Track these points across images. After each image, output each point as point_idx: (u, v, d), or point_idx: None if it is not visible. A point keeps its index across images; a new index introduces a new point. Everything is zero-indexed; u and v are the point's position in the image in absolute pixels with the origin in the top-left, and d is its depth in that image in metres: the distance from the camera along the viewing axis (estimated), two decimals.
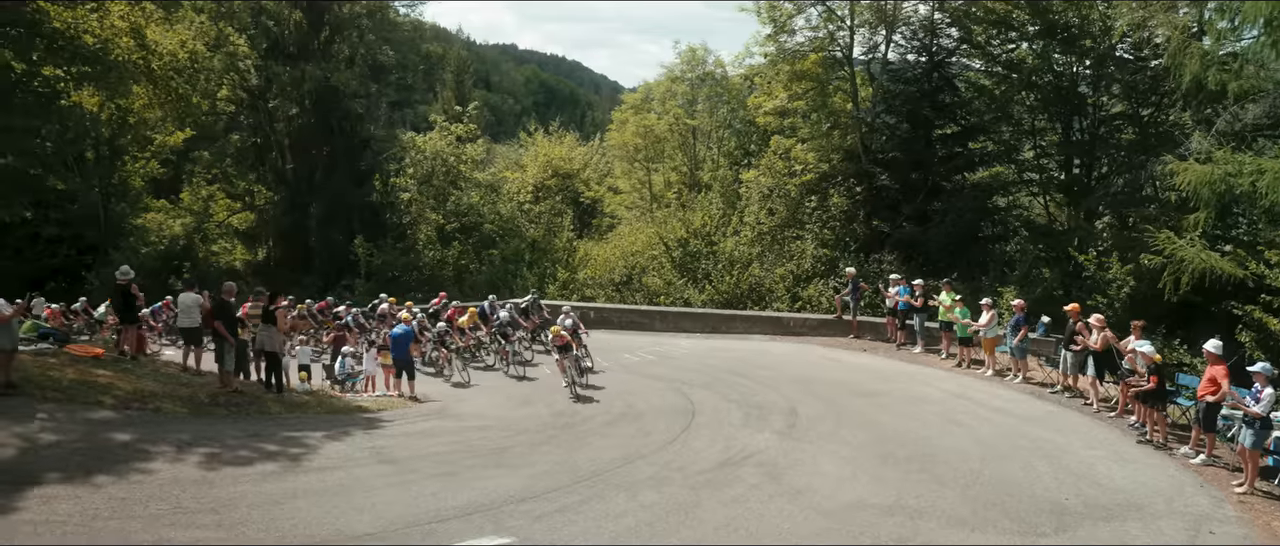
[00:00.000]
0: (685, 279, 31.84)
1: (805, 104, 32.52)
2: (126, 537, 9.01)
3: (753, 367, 18.71)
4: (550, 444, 13.38)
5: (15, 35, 19.33)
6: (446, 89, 53.82)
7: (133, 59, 21.43)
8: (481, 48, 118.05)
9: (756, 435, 13.66)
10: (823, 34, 32.04)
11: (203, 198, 37.62)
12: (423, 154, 38.38)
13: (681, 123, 41.03)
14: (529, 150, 47.59)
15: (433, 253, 36.32)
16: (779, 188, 32.97)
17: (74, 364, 15.52)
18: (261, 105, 37.43)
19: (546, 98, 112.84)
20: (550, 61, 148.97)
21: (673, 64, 41.97)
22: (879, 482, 11.35)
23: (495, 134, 61.98)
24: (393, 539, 9.39)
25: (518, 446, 13.16)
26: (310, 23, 37.03)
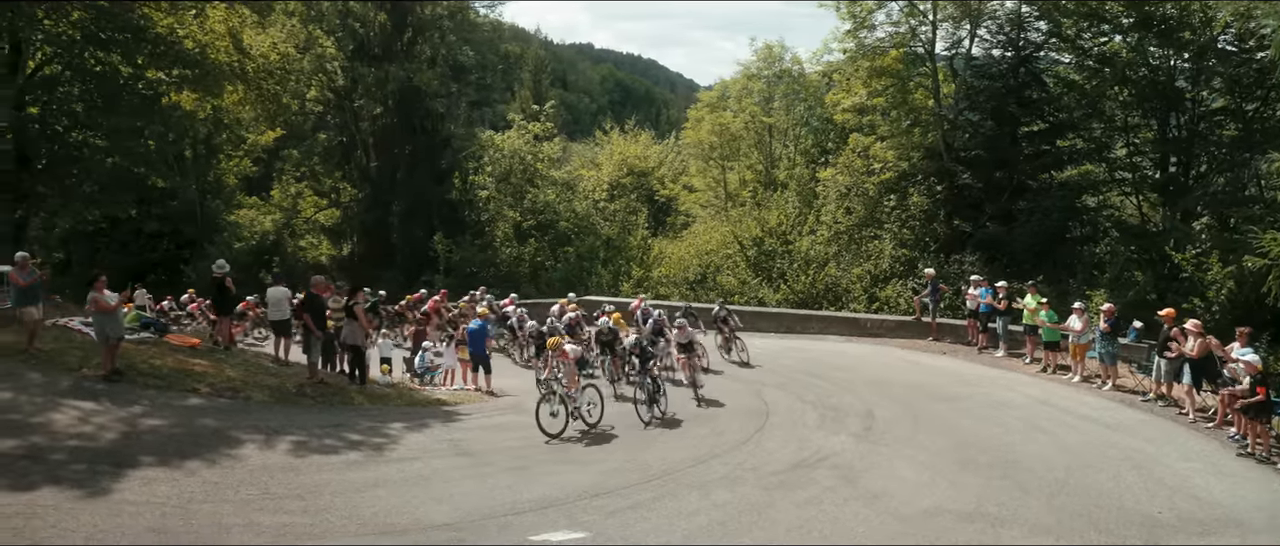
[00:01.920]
0: (760, 278, 31.59)
1: (885, 101, 31.92)
2: (218, 520, 9.43)
3: (828, 369, 18.45)
4: (621, 441, 13.45)
5: (123, 40, 20.42)
6: (524, 88, 54.49)
7: (229, 61, 22.37)
8: (558, 47, 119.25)
9: (832, 437, 13.47)
10: (904, 29, 31.39)
11: (292, 194, 38.99)
12: (501, 152, 39.01)
13: (757, 120, 40.71)
14: (604, 148, 47.90)
15: (509, 249, 36.88)
16: (857, 186, 32.43)
17: (172, 353, 16.29)
18: (347, 105, 38.60)
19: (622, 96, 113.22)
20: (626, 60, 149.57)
21: (749, 61, 41.73)
22: (958, 488, 11.07)
23: (571, 132, 62.49)
24: (469, 529, 9.58)
25: (589, 443, 13.26)
26: (394, 24, 38.01)
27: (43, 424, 11.56)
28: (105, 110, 21.17)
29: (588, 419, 13.99)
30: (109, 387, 13.38)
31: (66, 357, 14.44)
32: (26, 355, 14.13)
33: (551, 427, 13.34)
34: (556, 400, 13.58)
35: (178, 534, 9.03)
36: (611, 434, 13.70)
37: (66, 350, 14.88)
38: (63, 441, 11.14)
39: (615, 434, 13.73)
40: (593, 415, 14.09)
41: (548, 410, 13.52)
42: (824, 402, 15.61)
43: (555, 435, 13.22)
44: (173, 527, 9.16)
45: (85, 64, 20.59)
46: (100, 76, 20.81)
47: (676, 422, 14.48)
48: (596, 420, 14.09)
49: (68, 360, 14.34)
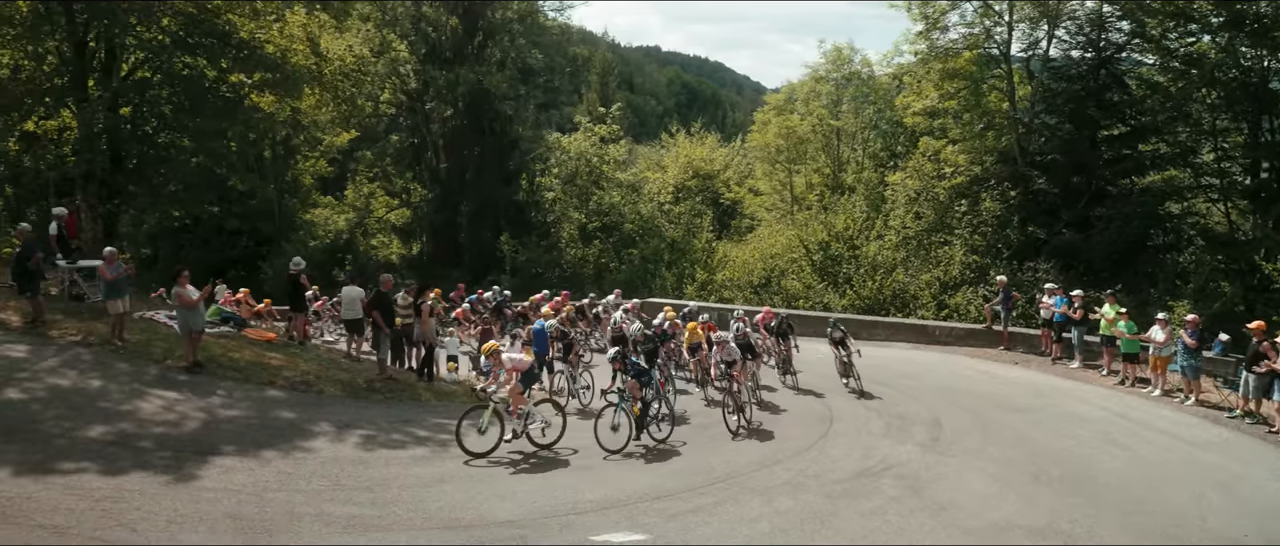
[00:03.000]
0: (825, 283, 31.23)
1: (957, 104, 31.27)
2: (291, 509, 9.74)
3: (895, 376, 18.12)
4: (684, 444, 13.42)
5: (209, 45, 21.26)
6: (591, 91, 54.99)
7: (307, 65, 23.09)
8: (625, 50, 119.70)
9: (897, 446, 13.24)
10: (978, 30, 30.71)
11: (364, 194, 39.96)
12: (567, 154, 39.37)
13: (825, 123, 40.24)
14: (670, 151, 47.92)
15: (574, 251, 37.18)
16: (927, 191, 31.82)
17: (250, 346, 16.87)
18: (419, 107, 39.42)
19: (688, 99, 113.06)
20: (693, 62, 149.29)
21: (817, 64, 41.26)
22: (1029, 503, 10.76)
23: (637, 135, 62.67)
24: (532, 527, 9.69)
25: (652, 445, 13.27)
26: (465, 28, 38.67)
27: (130, 411, 12.09)
28: (191, 112, 22.06)
29: (537, 439, 12.50)
30: (191, 378, 13.92)
31: (152, 349, 15.06)
32: (114, 346, 14.79)
33: (475, 445, 11.88)
34: (487, 414, 12.15)
35: (252, 520, 9.35)
36: (675, 437, 13.67)
37: (152, 341, 15.52)
38: (149, 429, 11.63)
39: (679, 437, 13.70)
40: (545, 435, 12.57)
41: (474, 425, 12.12)
42: (889, 410, 15.35)
43: (479, 454, 11.77)
44: (248, 514, 9.49)
45: (174, 68, 21.49)
46: (187, 80, 21.70)
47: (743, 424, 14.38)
48: (551, 441, 12.58)
49: (153, 351, 14.95)
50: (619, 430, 12.71)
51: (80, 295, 17.78)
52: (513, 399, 12.45)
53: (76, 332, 15.07)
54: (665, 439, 13.21)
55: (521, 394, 12.55)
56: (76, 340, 14.78)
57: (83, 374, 13.45)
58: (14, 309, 15.84)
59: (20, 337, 14.60)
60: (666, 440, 13.25)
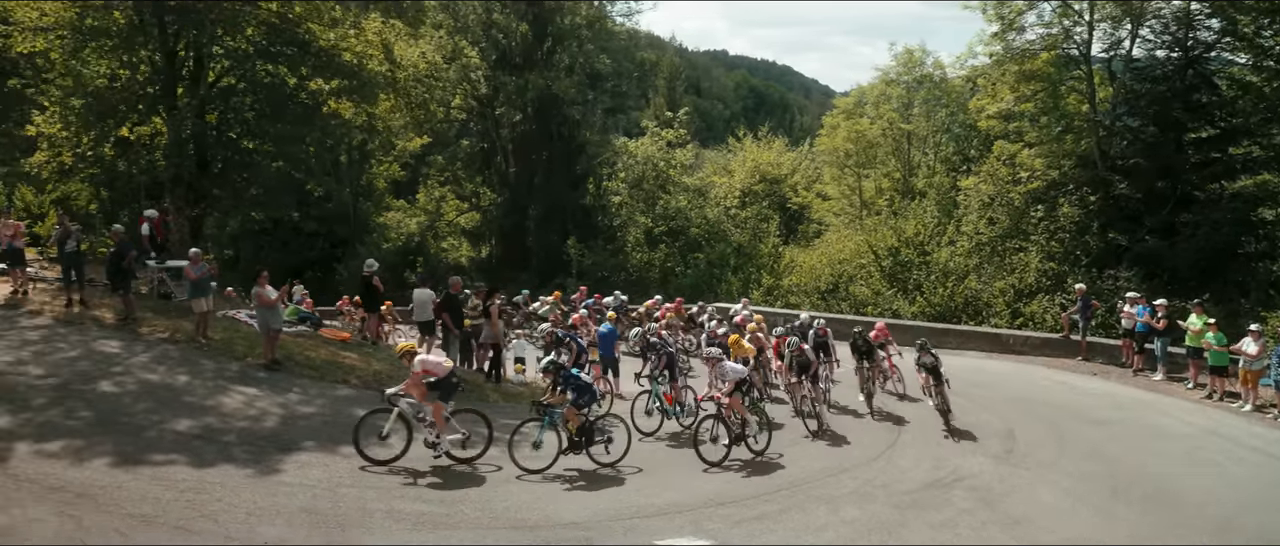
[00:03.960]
0: (895, 289, 30.67)
1: (1034, 106, 30.40)
2: (363, 505, 10.01)
3: (966, 385, 17.65)
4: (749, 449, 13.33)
5: (290, 53, 21.97)
6: (658, 95, 55.09)
7: (382, 71, 23.66)
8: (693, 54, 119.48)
9: (969, 457, 12.94)
10: (1057, 31, 29.81)
11: (435, 198, 40.81)
12: (634, 158, 39.55)
13: (895, 127, 39.58)
14: (737, 155, 47.70)
15: (640, 255, 37.30)
16: (1001, 196, 31.01)
17: (325, 345, 17.38)
18: (489, 113, 40.10)
19: (755, 103, 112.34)
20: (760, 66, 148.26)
21: (888, 66, 40.59)
22: (1107, 519, 10.41)
23: (704, 139, 62.56)
24: (596, 529, 9.77)
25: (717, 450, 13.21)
26: (535, 34, 39.20)
27: (214, 406, 12.58)
28: (272, 118, 22.82)
29: (600, 457, 12.02)
30: (269, 375, 14.42)
31: (233, 346, 15.64)
32: (199, 343, 15.41)
33: (377, 453, 11.24)
34: (392, 418, 11.44)
35: (326, 515, 9.64)
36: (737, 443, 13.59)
37: (233, 339, 16.12)
38: (231, 423, 12.08)
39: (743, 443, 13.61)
40: (609, 452, 12.07)
41: (374, 430, 11.39)
42: (961, 420, 14.99)
43: (380, 461, 11.17)
44: (322, 508, 9.79)
45: (257, 76, 22.26)
46: (269, 87, 22.46)
47: (808, 431, 14.22)
48: (615, 459, 12.06)
49: (235, 349, 15.53)
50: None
51: (168, 294, 18.58)
52: (435, 416, 11.55)
53: (164, 330, 15.75)
54: (616, 461, 11.99)
55: (442, 408, 11.61)
56: (164, 337, 15.44)
57: (170, 369, 14.05)
58: (108, 306, 16.65)
59: (113, 334, 15.33)
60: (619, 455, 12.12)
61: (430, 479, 11.03)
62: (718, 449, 12.46)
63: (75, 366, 13.56)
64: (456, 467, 11.48)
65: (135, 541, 8.60)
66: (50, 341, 14.62)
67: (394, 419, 11.45)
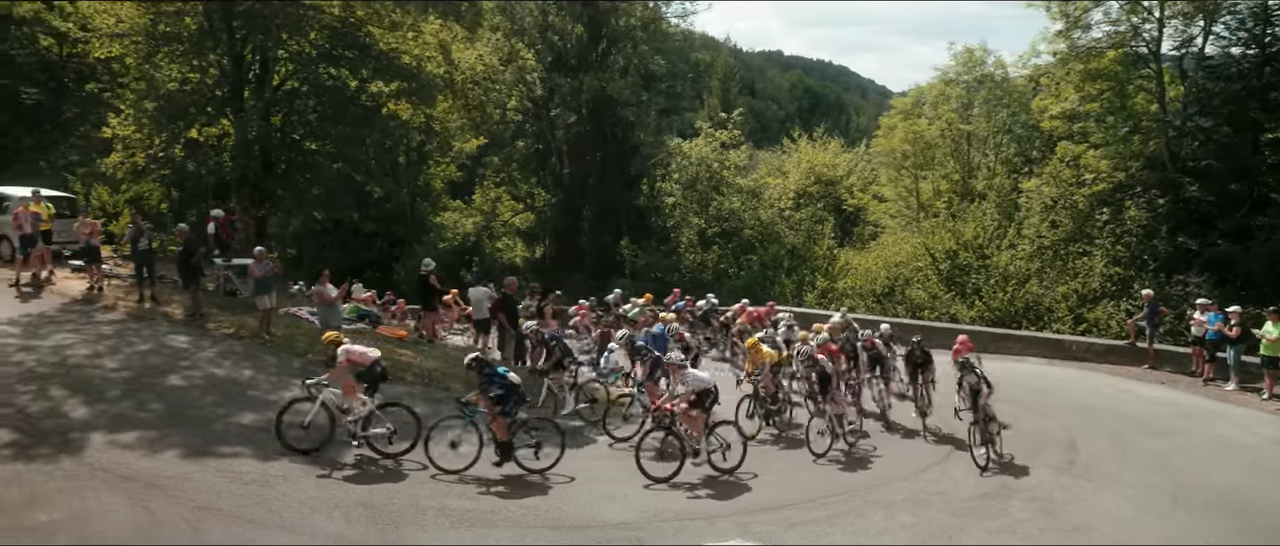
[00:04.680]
0: (952, 293, 30.12)
1: (1099, 106, 29.57)
2: (416, 501, 10.20)
3: (1026, 392, 17.28)
4: (797, 455, 13.22)
5: (351, 57, 22.50)
6: (712, 96, 54.89)
7: (440, 74, 24.08)
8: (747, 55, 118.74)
9: (1028, 467, 12.63)
10: (1125, 28, 28.95)
11: (491, 199, 41.29)
12: (688, 160, 39.53)
13: (954, 128, 38.84)
14: (791, 156, 47.34)
15: (693, 256, 37.26)
16: (1064, 198, 30.24)
17: (383, 343, 17.71)
18: (544, 114, 40.44)
19: (810, 103, 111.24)
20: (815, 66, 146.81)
21: (947, 66, 39.83)
22: (1172, 529, 10.08)
23: (758, 140, 62.15)
24: (646, 530, 9.82)
25: (766, 456, 13.14)
26: (590, 36, 39.41)
27: (277, 401, 12.88)
28: (334, 120, 23.40)
29: (719, 464, 11.85)
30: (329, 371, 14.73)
31: (295, 342, 16.05)
32: (262, 339, 15.86)
33: (297, 441, 11.20)
34: (314, 408, 11.43)
35: (381, 509, 9.86)
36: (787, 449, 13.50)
37: (295, 335, 16.54)
38: (293, 418, 12.37)
39: (789, 449, 13.52)
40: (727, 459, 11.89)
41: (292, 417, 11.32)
42: (1019, 428, 14.64)
43: (301, 451, 11.13)
44: (378, 503, 10.02)
45: (319, 79, 22.84)
46: (331, 90, 23.03)
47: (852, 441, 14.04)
48: (732, 466, 11.85)
49: (296, 345, 15.94)
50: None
51: (233, 291, 19.17)
52: (349, 398, 11.56)
53: (230, 326, 16.24)
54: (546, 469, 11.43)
55: (356, 391, 11.57)
56: (230, 333, 15.93)
57: (235, 364, 14.49)
58: (177, 302, 17.24)
59: (182, 329, 15.87)
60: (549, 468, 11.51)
61: (481, 477, 11.18)
62: (665, 466, 11.59)
63: (147, 360, 14.07)
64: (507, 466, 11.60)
65: (202, 531, 8.89)
66: (123, 336, 15.19)
67: (316, 408, 11.45)
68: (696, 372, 12.73)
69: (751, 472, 11.99)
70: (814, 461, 12.66)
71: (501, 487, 10.90)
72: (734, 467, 11.79)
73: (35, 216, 17.53)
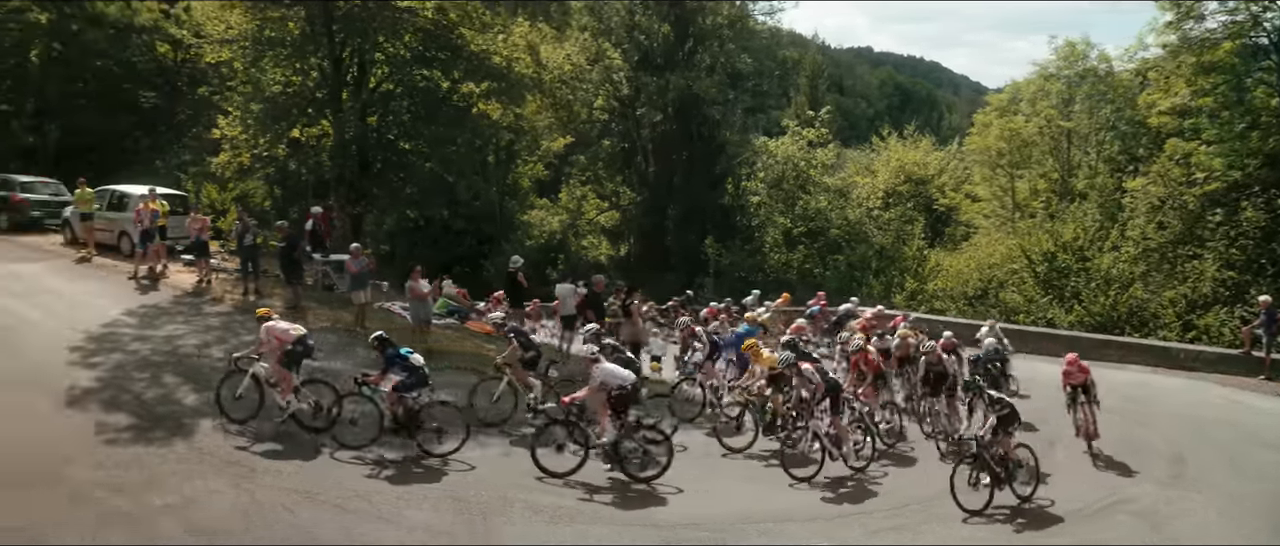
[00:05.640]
0: (1049, 297, 29.00)
1: (1213, 101, 28.00)
2: (504, 493, 10.39)
3: (1128, 402, 16.50)
4: (882, 461, 12.94)
5: (444, 58, 23.10)
6: (799, 94, 54.15)
7: (529, 74, 24.49)
8: (836, 52, 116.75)
9: (1132, 480, 12.08)
10: (1243, 17, 27.33)
11: (577, 197, 41.73)
12: (774, 158, 39.15)
13: (1053, 125, 37.40)
14: (881, 155, 46.34)
15: (778, 255, 36.89)
16: (1173, 198, 28.75)
17: (471, 338, 18.14)
18: (630, 113, 40.65)
19: (901, 101, 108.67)
20: (906, 63, 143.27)
21: (1046, 61, 38.38)
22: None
23: (846, 138, 61.00)
24: (730, 531, 9.83)
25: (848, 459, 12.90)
26: (677, 35, 39.44)
27: (369, 394, 13.30)
28: (427, 120, 24.07)
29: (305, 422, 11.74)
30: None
31: (395, 338, 16.51)
32: (357, 333, 16.42)
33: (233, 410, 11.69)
34: (245, 381, 11.75)
35: (470, 501, 10.10)
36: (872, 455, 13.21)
37: (387, 329, 17.02)
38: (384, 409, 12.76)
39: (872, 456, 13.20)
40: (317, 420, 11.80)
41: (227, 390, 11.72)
42: (1123, 439, 13.99)
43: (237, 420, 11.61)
44: (466, 495, 10.27)
45: (413, 80, 23.52)
46: (424, 91, 23.69)
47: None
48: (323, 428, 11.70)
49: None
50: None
51: (330, 286, 19.90)
52: (276, 373, 11.80)
53: (327, 320, 16.88)
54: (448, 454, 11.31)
55: (286, 373, 11.78)
56: (326, 326, 16.55)
57: (330, 356, 15.04)
58: (279, 296, 18.01)
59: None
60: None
61: (585, 480, 11.31)
62: (567, 458, 11.23)
63: None
64: (592, 463, 11.71)
65: (299, 515, 9.27)
66: (229, 327, 15.96)
67: (247, 382, 11.80)
68: (612, 367, 11.71)
69: (833, 480, 11.81)
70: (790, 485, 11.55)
71: (588, 483, 11.01)
72: (653, 477, 11.09)
73: (153, 213, 18.55)
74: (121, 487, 9.57)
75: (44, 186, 23.40)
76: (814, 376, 12.15)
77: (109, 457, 10.32)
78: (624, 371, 11.58)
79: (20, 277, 17.99)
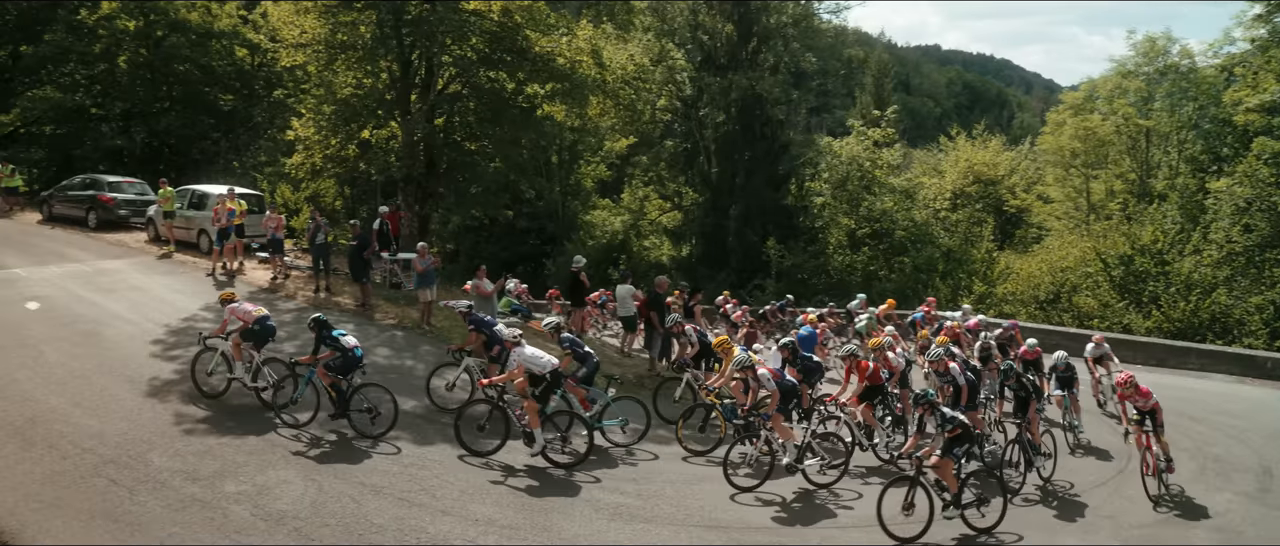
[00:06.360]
0: (1126, 301, 27.98)
1: None
2: (565, 491, 10.46)
3: (1211, 412, 15.83)
4: None
5: (509, 60, 23.38)
6: (865, 93, 53.47)
7: (593, 75, 24.62)
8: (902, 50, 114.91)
9: (1213, 493, 11.58)
10: None
11: (639, 198, 41.84)
12: (838, 159, 38.60)
13: (1131, 123, 36.11)
14: (948, 155, 45.40)
15: (841, 257, 36.40)
16: (1261, 199, 27.51)
17: (533, 337, 18.27)
18: (692, 113, 40.55)
19: (970, 99, 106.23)
20: (976, 61, 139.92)
21: (1124, 57, 37.13)
22: None
23: (913, 138, 59.99)
24: (790, 535, 9.68)
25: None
26: (740, 34, 39.20)
27: (434, 389, 13.58)
28: (492, 121, 24.42)
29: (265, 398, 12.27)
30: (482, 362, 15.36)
31: (453, 334, 16.82)
32: (423, 330, 16.72)
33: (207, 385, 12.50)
34: (215, 358, 12.54)
35: (532, 496, 10.19)
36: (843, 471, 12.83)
37: (452, 327, 17.33)
38: (450, 405, 13.00)
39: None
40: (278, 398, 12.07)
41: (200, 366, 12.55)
42: (1203, 451, 13.44)
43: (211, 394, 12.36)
44: (528, 490, 10.35)
45: (479, 82, 23.88)
46: (490, 92, 24.02)
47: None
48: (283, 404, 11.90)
49: (454, 336, 16.68)
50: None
51: (398, 284, 20.33)
52: (233, 349, 12.47)
53: (394, 317, 17.25)
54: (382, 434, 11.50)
55: (240, 345, 12.41)
56: (393, 324, 16.91)
57: (397, 353, 15.37)
58: (349, 293, 18.47)
59: (351, 318, 16.97)
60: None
61: (627, 472, 11.34)
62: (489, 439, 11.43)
63: None
64: (652, 462, 11.72)
65: (365, 507, 9.49)
66: (300, 323, 16.34)
67: (216, 358, 12.50)
68: (532, 352, 11.66)
69: None
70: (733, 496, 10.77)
71: (649, 482, 11.02)
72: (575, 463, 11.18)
73: (230, 212, 19.21)
74: (196, 475, 9.93)
75: (130, 186, 24.40)
76: (768, 381, 11.35)
77: (186, 446, 10.72)
78: (544, 357, 11.62)
79: (107, 273, 18.82)
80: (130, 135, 31.15)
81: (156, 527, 8.74)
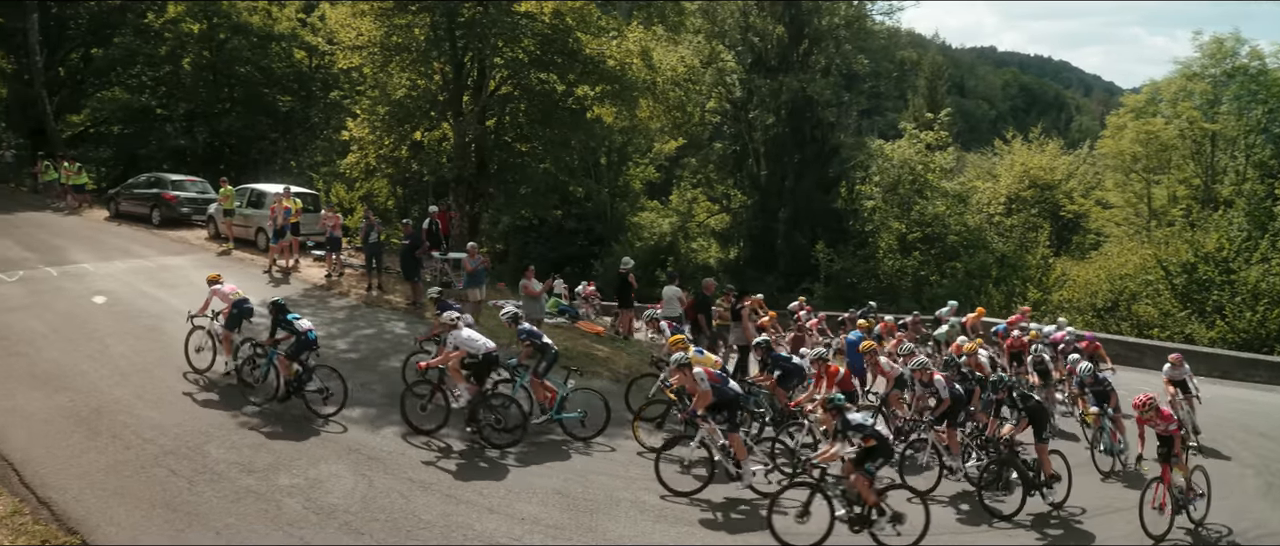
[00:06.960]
0: (1189, 311, 27.14)
1: None
2: (610, 493, 10.49)
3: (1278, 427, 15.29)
4: None
5: (560, 62, 23.54)
6: (918, 96, 52.62)
7: (642, 76, 24.67)
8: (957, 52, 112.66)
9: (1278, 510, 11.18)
10: None
11: (687, 199, 41.86)
12: (890, 162, 38.11)
13: (1196, 127, 35.02)
14: (1003, 158, 44.52)
15: (892, 261, 35.93)
16: None
17: (581, 337, 18.39)
18: (742, 116, 40.42)
19: (1026, 102, 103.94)
20: (1032, 62, 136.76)
21: (1189, 58, 36.02)
22: None
23: (966, 141, 58.94)
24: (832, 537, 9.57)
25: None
26: (791, 36, 38.96)
27: None
28: (542, 123, 24.64)
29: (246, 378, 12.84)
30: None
31: (500, 334, 16.92)
32: None
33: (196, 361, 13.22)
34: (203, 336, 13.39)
35: (576, 498, 10.24)
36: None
37: (501, 327, 17.44)
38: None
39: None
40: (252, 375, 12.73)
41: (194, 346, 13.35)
42: (1271, 466, 12.97)
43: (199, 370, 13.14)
44: (573, 492, 10.42)
45: (530, 84, 24.09)
46: (541, 94, 24.22)
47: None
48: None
49: (501, 335, 16.81)
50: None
51: (448, 283, 20.56)
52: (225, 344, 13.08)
53: None
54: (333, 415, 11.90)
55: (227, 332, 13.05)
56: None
57: None
58: (400, 292, 18.77)
59: (402, 316, 17.28)
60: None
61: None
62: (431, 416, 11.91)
63: (371, 344, 15.46)
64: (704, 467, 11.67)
65: (413, 502, 9.63)
66: (352, 320, 16.75)
67: (204, 336, 13.27)
68: (471, 335, 12.06)
69: (955, 486, 11.38)
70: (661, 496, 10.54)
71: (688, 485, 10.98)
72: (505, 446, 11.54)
73: (286, 211, 19.66)
74: (252, 467, 10.18)
75: (192, 184, 25.11)
76: (703, 381, 10.63)
77: (241, 439, 11.00)
78: (481, 340, 11.97)
79: (169, 269, 19.39)
80: (193, 135, 32.10)
81: (214, 518, 8.98)
